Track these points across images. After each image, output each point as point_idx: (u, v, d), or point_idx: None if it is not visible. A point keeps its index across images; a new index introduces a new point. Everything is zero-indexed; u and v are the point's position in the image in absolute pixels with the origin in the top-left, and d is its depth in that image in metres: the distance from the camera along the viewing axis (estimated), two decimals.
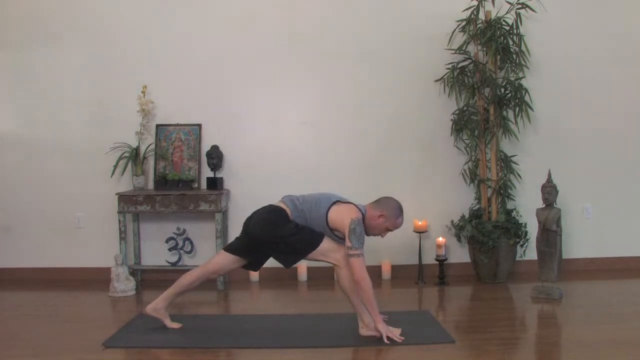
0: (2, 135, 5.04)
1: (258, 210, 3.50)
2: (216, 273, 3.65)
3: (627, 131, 5.11)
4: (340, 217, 3.32)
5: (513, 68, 4.80)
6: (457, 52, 4.81)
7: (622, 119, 5.10)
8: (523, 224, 4.80)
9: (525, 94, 4.74)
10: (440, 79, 4.91)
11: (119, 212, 4.69)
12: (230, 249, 3.58)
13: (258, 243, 3.43)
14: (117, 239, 4.74)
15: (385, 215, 3.43)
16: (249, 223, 3.49)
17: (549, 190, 4.30)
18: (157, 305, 3.57)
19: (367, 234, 3.46)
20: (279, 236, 3.34)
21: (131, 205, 4.68)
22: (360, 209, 3.39)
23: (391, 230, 3.51)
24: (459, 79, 4.83)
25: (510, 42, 4.77)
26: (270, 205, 3.47)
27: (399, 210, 3.48)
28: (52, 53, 4.97)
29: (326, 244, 3.36)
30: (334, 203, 3.39)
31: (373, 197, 5.08)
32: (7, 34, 4.98)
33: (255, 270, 3.70)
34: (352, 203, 3.42)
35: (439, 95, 4.99)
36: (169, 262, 4.94)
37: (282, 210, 3.41)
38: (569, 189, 4.87)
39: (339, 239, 3.38)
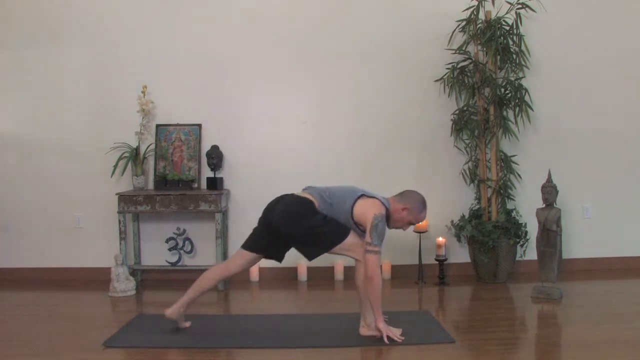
0: (2, 135, 5.04)
1: (281, 201, 3.41)
2: (238, 273, 3.58)
3: (627, 131, 5.11)
4: (364, 211, 3.30)
5: (513, 68, 4.80)
6: (457, 52, 4.81)
7: (622, 119, 5.10)
8: (523, 224, 4.80)
9: (525, 94, 4.75)
10: (440, 79, 4.91)
11: (119, 212, 4.69)
12: (249, 246, 3.49)
13: (281, 234, 3.36)
14: (117, 239, 4.74)
15: (409, 208, 3.42)
16: (271, 214, 3.39)
17: (549, 190, 4.30)
18: (178, 310, 3.50)
19: (390, 227, 3.47)
20: (306, 227, 3.28)
21: (131, 205, 4.68)
22: (384, 203, 3.37)
23: (413, 224, 3.52)
24: (459, 79, 4.83)
25: (510, 42, 4.77)
26: (295, 196, 3.40)
27: (422, 204, 3.47)
28: (52, 53, 4.97)
29: (352, 238, 3.34)
30: (360, 197, 3.36)
31: None
32: (7, 34, 4.98)
33: (280, 261, 3.57)
34: (376, 197, 3.38)
35: (439, 95, 4.99)
36: (169, 262, 4.94)
37: (309, 202, 3.34)
38: (569, 189, 4.87)
39: (362, 232, 3.35)
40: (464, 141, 4.91)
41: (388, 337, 3.30)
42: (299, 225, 3.30)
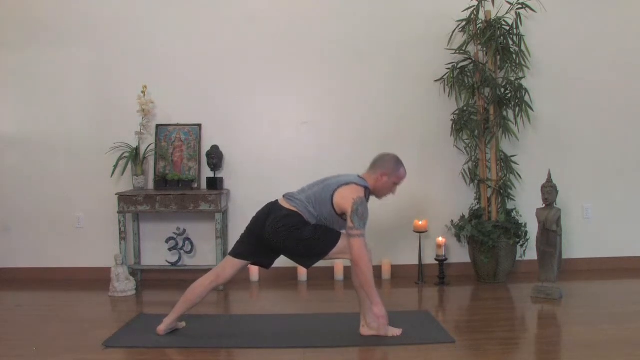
0: (3, 135, 5.04)
1: (270, 214, 3.38)
2: (227, 281, 3.56)
3: (627, 131, 5.11)
4: (344, 201, 3.28)
5: (513, 68, 4.80)
6: (457, 52, 4.81)
7: (622, 119, 5.10)
8: (523, 224, 4.79)
9: (525, 94, 4.74)
10: (440, 79, 4.91)
11: (119, 212, 4.69)
12: (239, 254, 3.46)
13: (274, 247, 3.37)
14: (117, 239, 4.74)
15: (387, 172, 3.43)
16: (260, 227, 3.37)
17: (549, 190, 4.30)
18: (170, 325, 3.47)
19: (379, 197, 3.51)
20: (298, 239, 3.28)
21: (131, 205, 4.68)
22: (361, 184, 3.36)
23: (398, 184, 3.51)
24: (459, 79, 4.83)
25: (510, 42, 4.77)
26: (284, 209, 3.35)
27: (397, 162, 3.48)
28: (52, 53, 4.97)
29: (344, 241, 3.33)
30: (336, 190, 3.33)
31: (373, 199, 5.10)
32: (7, 34, 4.98)
33: (267, 268, 3.58)
34: (351, 182, 3.35)
35: (439, 95, 4.99)
36: (169, 262, 4.94)
37: (298, 214, 3.32)
38: (569, 189, 4.87)
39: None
40: (464, 141, 4.91)
41: (383, 331, 3.31)
42: (291, 238, 3.29)
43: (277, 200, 3.46)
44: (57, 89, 4.99)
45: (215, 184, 4.83)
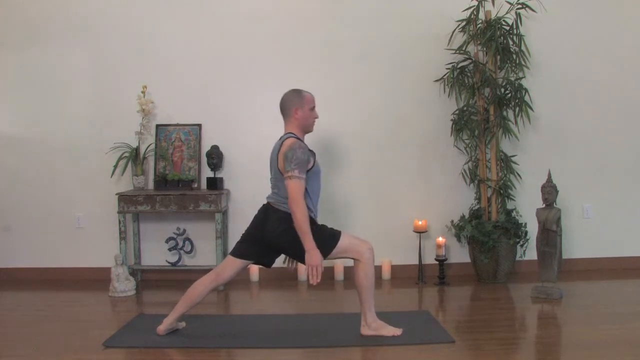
0: (3, 135, 5.04)
1: (268, 217, 3.39)
2: (227, 281, 3.57)
3: (627, 131, 5.11)
4: (282, 162, 3.30)
5: (513, 68, 4.80)
6: (457, 52, 4.81)
7: (622, 119, 5.10)
8: (523, 224, 4.79)
9: (525, 94, 4.74)
10: (440, 79, 4.91)
11: (119, 212, 4.69)
12: (240, 254, 3.46)
13: (277, 249, 3.39)
14: (117, 239, 4.74)
15: (297, 106, 3.47)
16: (260, 231, 3.38)
17: (549, 190, 4.30)
18: (170, 325, 3.48)
19: (311, 130, 3.57)
20: (300, 241, 3.26)
21: (131, 205, 4.68)
22: (290, 137, 3.39)
23: (314, 107, 3.56)
24: (459, 79, 4.83)
25: (510, 42, 4.77)
26: (279, 212, 3.35)
27: (296, 92, 3.52)
28: (52, 53, 4.96)
29: (345, 239, 3.34)
30: (279, 161, 3.35)
31: (373, 199, 5.10)
32: (7, 34, 4.98)
33: (269, 266, 3.58)
34: (282, 144, 3.37)
35: (439, 95, 4.99)
36: (169, 262, 4.94)
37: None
38: (569, 189, 4.87)
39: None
40: (464, 141, 4.91)
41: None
42: (294, 240, 3.27)
43: (268, 203, 3.46)
44: (57, 89, 4.99)
45: (215, 184, 4.83)
